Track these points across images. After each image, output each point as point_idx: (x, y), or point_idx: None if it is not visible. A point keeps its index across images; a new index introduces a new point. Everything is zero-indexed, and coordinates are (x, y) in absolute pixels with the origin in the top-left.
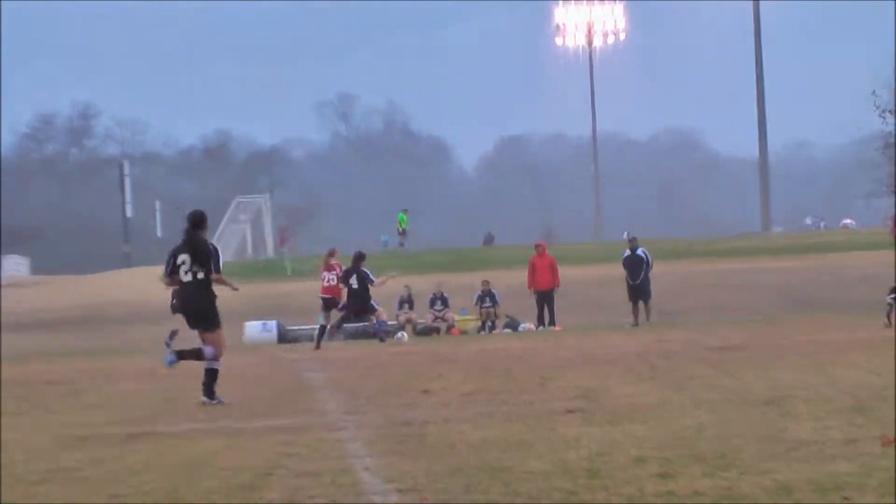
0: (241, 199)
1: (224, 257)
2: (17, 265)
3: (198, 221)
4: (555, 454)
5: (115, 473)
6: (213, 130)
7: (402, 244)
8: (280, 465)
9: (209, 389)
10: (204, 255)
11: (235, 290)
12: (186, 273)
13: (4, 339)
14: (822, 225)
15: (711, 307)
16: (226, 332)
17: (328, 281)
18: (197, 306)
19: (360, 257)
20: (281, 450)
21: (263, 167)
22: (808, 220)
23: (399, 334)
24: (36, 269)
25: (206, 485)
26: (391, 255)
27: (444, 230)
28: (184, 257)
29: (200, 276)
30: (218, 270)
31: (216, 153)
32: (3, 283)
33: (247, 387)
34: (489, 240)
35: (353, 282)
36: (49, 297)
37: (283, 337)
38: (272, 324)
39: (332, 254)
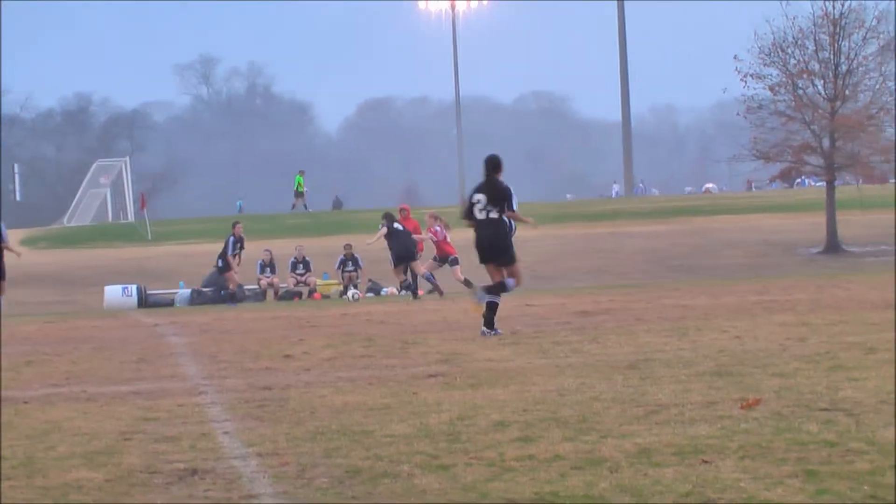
0: (101, 163)
1: (83, 221)
2: None
3: (495, 165)
4: (416, 418)
5: None
6: (73, 93)
7: (304, 206)
8: (139, 430)
9: (489, 321)
10: (499, 195)
11: (534, 226)
12: (481, 211)
13: None
14: (650, 190)
15: (581, 272)
16: (86, 297)
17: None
18: (492, 242)
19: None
20: (139, 415)
21: (124, 130)
22: (615, 188)
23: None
24: None
25: (62, 449)
26: (273, 218)
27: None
28: (479, 197)
29: (493, 215)
30: (511, 208)
31: (76, 116)
32: None
33: (105, 352)
34: (338, 204)
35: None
36: None
37: (144, 301)
38: (132, 288)
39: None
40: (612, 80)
